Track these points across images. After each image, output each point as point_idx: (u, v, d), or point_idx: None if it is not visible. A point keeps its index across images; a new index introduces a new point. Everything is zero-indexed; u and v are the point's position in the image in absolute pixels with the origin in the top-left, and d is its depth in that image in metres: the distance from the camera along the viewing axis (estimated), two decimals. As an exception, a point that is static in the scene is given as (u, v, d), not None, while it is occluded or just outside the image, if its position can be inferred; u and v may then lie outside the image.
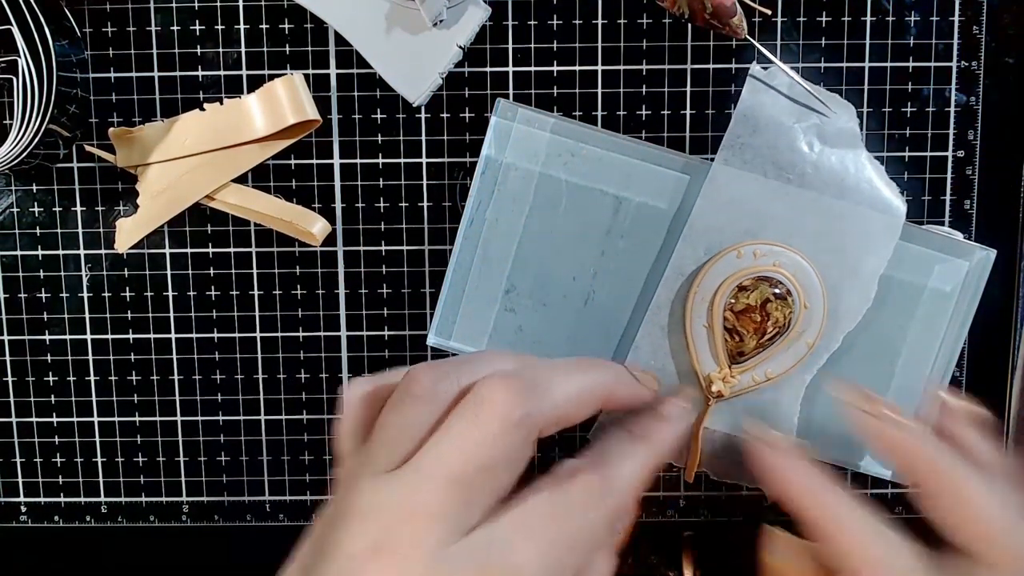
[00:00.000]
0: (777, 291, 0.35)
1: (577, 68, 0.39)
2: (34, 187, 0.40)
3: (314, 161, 0.40)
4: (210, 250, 0.40)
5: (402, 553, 0.24)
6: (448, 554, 0.24)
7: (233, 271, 0.40)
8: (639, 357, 0.37)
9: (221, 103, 0.39)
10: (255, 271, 0.40)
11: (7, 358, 0.41)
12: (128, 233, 0.40)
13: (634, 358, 0.37)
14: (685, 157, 0.37)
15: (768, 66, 0.36)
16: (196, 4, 0.39)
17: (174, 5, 0.39)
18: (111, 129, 0.39)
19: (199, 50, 0.39)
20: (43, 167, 0.39)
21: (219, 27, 0.39)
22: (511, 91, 0.39)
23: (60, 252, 0.40)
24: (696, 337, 0.36)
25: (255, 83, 0.39)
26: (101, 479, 0.42)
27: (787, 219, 0.36)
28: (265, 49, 0.39)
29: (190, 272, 0.40)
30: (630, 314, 0.38)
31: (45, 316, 0.41)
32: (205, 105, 0.39)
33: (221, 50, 0.39)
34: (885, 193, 0.36)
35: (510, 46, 0.39)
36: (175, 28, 0.39)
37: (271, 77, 0.39)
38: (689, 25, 0.38)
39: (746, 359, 0.36)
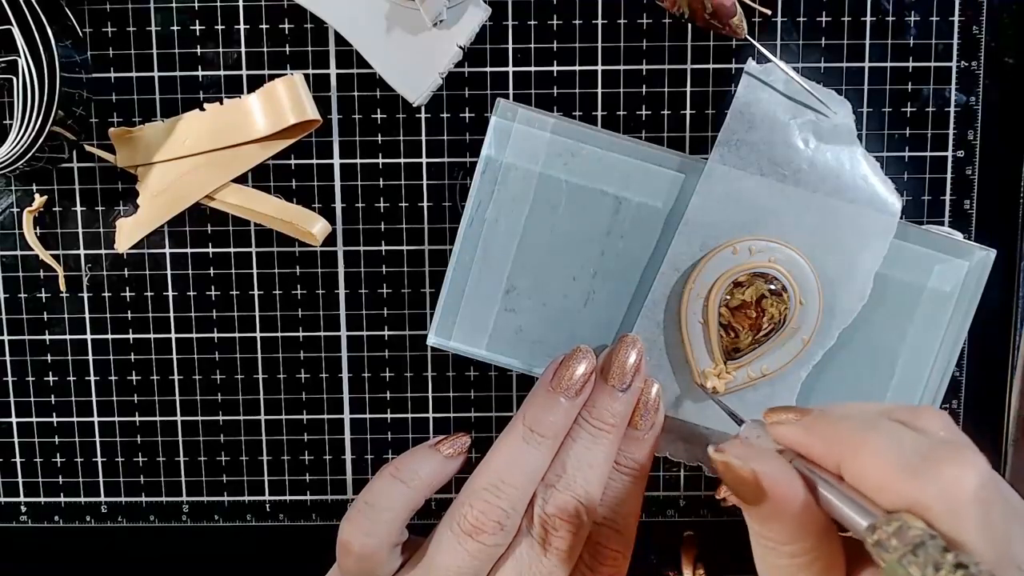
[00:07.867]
0: (772, 287, 0.35)
1: (577, 68, 0.39)
2: (34, 187, 0.40)
3: (314, 161, 0.40)
4: (210, 250, 0.40)
5: None
6: None
7: (233, 271, 0.40)
8: None
9: (221, 103, 0.39)
10: (255, 271, 0.40)
11: (7, 358, 0.41)
12: (128, 233, 0.40)
13: None
14: (685, 157, 0.37)
15: (764, 63, 0.36)
16: (196, 4, 0.39)
17: (174, 5, 0.39)
18: (111, 129, 0.39)
19: (199, 50, 0.39)
20: (44, 168, 0.39)
21: (219, 27, 0.39)
22: (511, 91, 0.39)
23: (60, 252, 0.40)
24: (691, 333, 0.36)
25: (255, 83, 0.39)
26: (101, 479, 0.42)
27: (783, 215, 0.36)
28: (265, 49, 0.39)
29: (190, 272, 0.40)
30: (629, 314, 0.38)
31: (45, 316, 0.41)
32: (205, 105, 0.39)
33: (221, 50, 0.39)
34: (880, 190, 0.36)
35: (510, 46, 0.39)
36: (175, 28, 0.39)
37: (271, 77, 0.39)
38: (689, 25, 0.38)
39: (741, 355, 0.36)
